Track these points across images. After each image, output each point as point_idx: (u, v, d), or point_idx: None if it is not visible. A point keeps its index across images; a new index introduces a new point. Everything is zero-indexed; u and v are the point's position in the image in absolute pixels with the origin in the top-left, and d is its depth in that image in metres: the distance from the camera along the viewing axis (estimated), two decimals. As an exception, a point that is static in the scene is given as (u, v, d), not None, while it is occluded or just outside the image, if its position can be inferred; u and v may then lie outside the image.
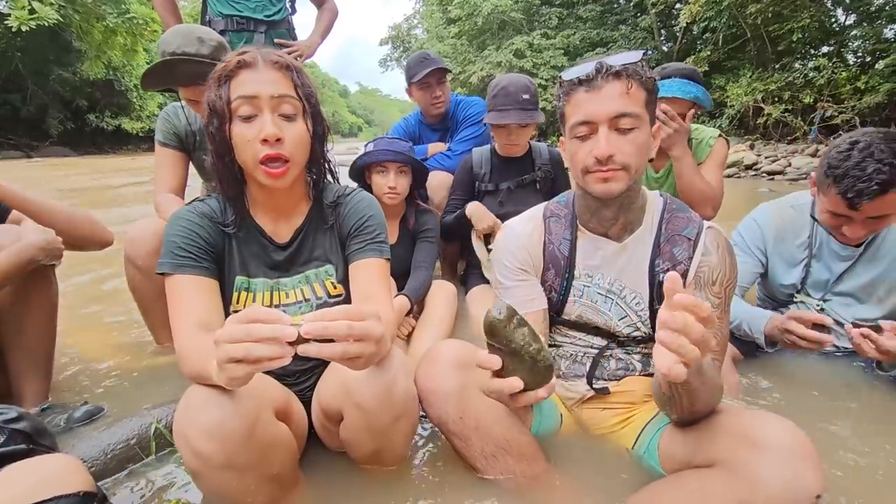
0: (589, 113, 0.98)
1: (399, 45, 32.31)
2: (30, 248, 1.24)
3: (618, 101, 0.96)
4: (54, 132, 21.18)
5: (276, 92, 0.98)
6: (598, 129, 0.97)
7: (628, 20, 17.57)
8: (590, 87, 0.98)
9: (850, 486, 1.09)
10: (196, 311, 0.98)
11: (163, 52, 1.66)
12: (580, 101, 0.99)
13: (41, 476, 0.77)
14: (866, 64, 11.19)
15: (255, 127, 0.98)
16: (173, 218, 1.07)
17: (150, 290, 1.68)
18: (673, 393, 0.91)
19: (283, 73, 1.00)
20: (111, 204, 6.28)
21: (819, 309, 1.61)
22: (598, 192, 1.02)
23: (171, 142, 1.89)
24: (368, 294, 1.09)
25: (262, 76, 0.98)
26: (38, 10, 12.52)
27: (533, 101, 2.09)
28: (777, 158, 9.52)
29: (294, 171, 1.04)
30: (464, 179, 2.31)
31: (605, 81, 0.96)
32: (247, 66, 0.98)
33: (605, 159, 0.97)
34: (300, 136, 1.02)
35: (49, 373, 1.44)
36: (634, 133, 0.98)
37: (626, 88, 0.96)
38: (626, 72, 0.96)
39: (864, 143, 1.33)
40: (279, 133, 0.98)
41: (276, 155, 0.98)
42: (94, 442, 1.20)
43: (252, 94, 0.97)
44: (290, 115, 1.01)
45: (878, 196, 1.31)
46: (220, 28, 2.37)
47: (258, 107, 0.98)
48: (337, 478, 1.14)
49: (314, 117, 1.06)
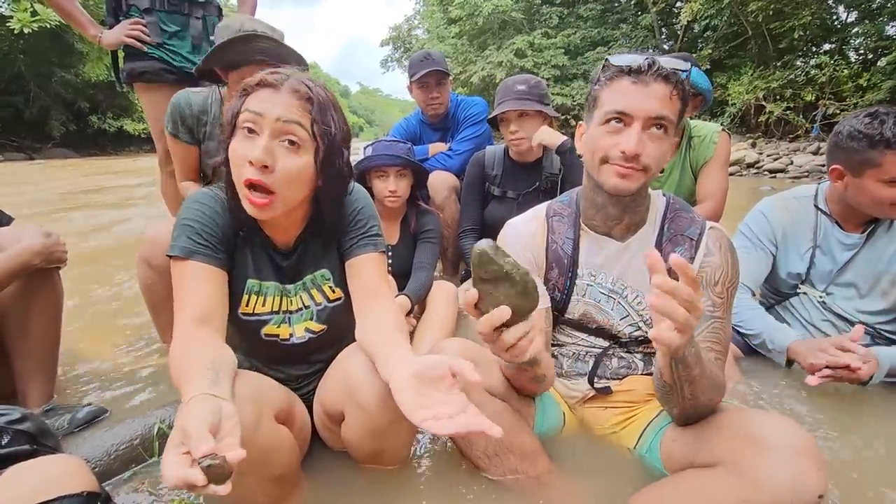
0: (631, 106, 0.96)
1: (400, 46, 32.30)
2: (25, 253, 1.23)
3: (660, 103, 0.95)
4: (56, 134, 21.19)
5: (283, 116, 0.92)
6: (633, 124, 0.96)
7: (629, 19, 17.51)
8: (637, 80, 0.96)
9: (853, 485, 1.09)
10: (200, 302, 0.96)
11: (236, 30, 1.62)
12: (623, 90, 0.97)
13: (44, 476, 0.77)
14: (868, 61, 11.17)
15: (249, 146, 0.93)
16: (191, 201, 1.04)
17: (163, 290, 1.68)
18: (674, 381, 0.90)
19: (302, 103, 0.95)
20: (113, 206, 6.29)
21: (821, 301, 1.61)
22: (611, 185, 1.00)
23: (181, 134, 1.85)
24: (368, 291, 1.09)
25: (278, 98, 0.94)
26: (41, 13, 12.52)
27: (532, 93, 2.08)
28: (779, 156, 9.51)
29: (279, 206, 0.96)
30: (475, 176, 2.31)
31: (652, 79, 0.95)
32: (269, 86, 0.95)
33: (632, 156, 0.96)
34: (297, 171, 0.95)
35: (53, 374, 1.45)
36: (663, 140, 0.98)
37: (669, 93, 0.96)
38: (674, 77, 0.96)
39: (884, 110, 1.36)
40: (267, 160, 0.91)
41: (259, 182, 0.92)
42: (97, 442, 1.20)
43: (259, 111, 0.92)
44: (294, 146, 0.94)
45: None
46: (145, 5, 2.16)
47: (260, 125, 0.93)
48: (339, 478, 1.14)
49: (328, 156, 0.98)
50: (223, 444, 0.68)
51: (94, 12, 10.96)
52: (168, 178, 2.27)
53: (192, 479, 0.62)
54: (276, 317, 1.12)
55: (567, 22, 18.31)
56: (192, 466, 0.64)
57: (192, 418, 0.69)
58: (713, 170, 2.10)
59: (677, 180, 2.18)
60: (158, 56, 2.23)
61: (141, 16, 2.19)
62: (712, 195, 2.09)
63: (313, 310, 1.15)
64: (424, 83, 2.55)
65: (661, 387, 0.96)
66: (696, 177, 2.16)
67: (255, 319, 1.11)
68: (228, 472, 0.66)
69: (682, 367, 0.86)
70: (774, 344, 1.55)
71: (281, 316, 1.13)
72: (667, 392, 0.95)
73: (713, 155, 2.09)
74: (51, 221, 5.02)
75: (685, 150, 2.14)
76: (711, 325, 1.04)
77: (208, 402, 0.73)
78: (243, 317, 1.10)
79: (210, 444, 0.65)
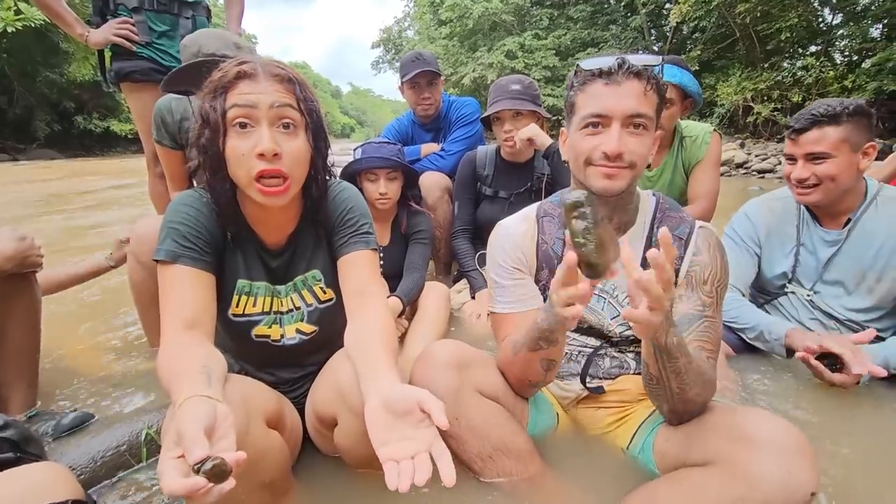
0: (606, 107, 0.97)
1: (391, 48, 32.30)
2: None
3: (636, 100, 0.97)
4: (41, 135, 20.90)
5: (275, 102, 0.93)
6: (612, 124, 0.97)
7: (619, 20, 17.67)
8: (609, 81, 0.98)
9: (844, 483, 1.10)
10: (188, 307, 0.94)
11: (195, 54, 1.63)
12: (597, 93, 0.99)
13: (27, 484, 0.75)
14: (853, 63, 11.33)
15: (250, 140, 0.92)
16: (177, 204, 1.02)
17: (152, 289, 1.65)
18: (661, 373, 0.90)
19: (284, 85, 0.96)
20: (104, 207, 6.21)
21: (808, 299, 1.62)
22: (598, 187, 1.01)
23: (165, 140, 1.88)
24: (359, 290, 1.08)
25: (263, 86, 0.93)
26: (25, 11, 12.35)
27: (527, 93, 2.10)
28: (767, 157, 9.61)
29: (293, 189, 0.99)
30: (467, 176, 2.31)
31: (625, 78, 0.97)
32: (246, 77, 0.94)
33: (615, 156, 0.97)
34: (300, 152, 0.97)
35: (35, 380, 1.42)
36: (645, 135, 0.99)
37: (643, 89, 0.97)
38: (646, 73, 0.97)
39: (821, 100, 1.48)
40: (276, 148, 0.92)
41: (274, 171, 0.93)
42: (83, 449, 1.18)
43: (250, 103, 0.92)
44: (291, 128, 0.96)
45: (813, 126, 1.45)
46: (134, 4, 2.16)
47: (255, 118, 0.93)
48: (331, 482, 1.13)
49: (316, 132, 1.01)
50: (219, 446, 0.68)
51: (80, 11, 10.82)
52: (156, 180, 2.24)
53: (195, 486, 0.61)
54: (266, 317, 1.11)
55: (557, 23, 18.44)
56: (190, 474, 0.63)
57: (187, 420, 0.67)
58: (705, 170, 2.12)
59: (669, 180, 2.19)
60: (148, 55, 2.22)
61: (129, 15, 2.17)
62: (704, 196, 2.11)
63: (304, 311, 1.14)
64: (416, 83, 2.54)
65: (649, 381, 0.96)
66: (688, 177, 2.17)
67: (246, 320, 1.10)
68: (229, 470, 0.65)
69: (667, 357, 0.87)
70: (773, 334, 1.55)
71: (272, 316, 1.11)
72: (655, 386, 0.96)
73: (705, 156, 2.10)
74: (32, 223, 4.95)
75: (677, 151, 2.16)
76: (702, 324, 1.04)
77: (203, 403, 0.72)
78: (234, 318, 1.09)
79: (205, 450, 0.64)
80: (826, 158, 1.45)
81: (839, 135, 1.42)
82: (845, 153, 1.44)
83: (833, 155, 1.44)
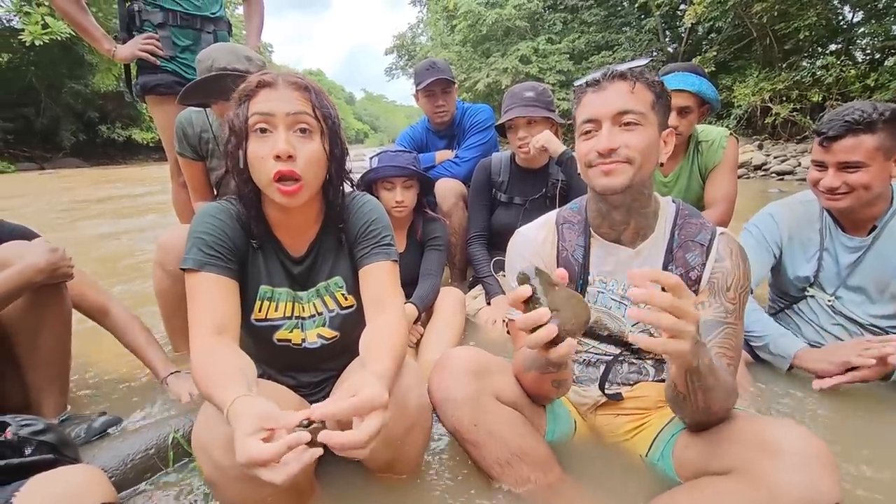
0: (595, 110, 1.03)
1: (404, 54, 32.52)
2: (28, 270, 1.24)
3: (621, 98, 1.01)
4: (67, 144, 21.54)
5: (291, 109, 0.99)
6: (602, 125, 1.02)
7: (633, 23, 17.52)
8: (597, 89, 1.04)
9: (866, 493, 1.08)
10: (216, 313, 0.99)
11: (208, 68, 1.68)
12: (588, 101, 1.05)
13: (66, 486, 0.79)
14: (875, 61, 11.07)
15: (268, 144, 0.98)
16: (203, 214, 1.08)
17: (176, 296, 1.71)
18: (688, 391, 0.90)
19: (301, 93, 1.02)
20: (128, 215, 6.37)
21: (830, 305, 1.60)
22: (600, 185, 1.04)
23: (187, 152, 1.94)
24: (378, 299, 1.10)
25: (281, 94, 1.00)
26: (51, 25, 12.80)
27: (540, 100, 2.10)
28: (786, 158, 9.42)
29: (307, 190, 1.03)
30: (482, 182, 2.32)
31: (610, 82, 1.03)
32: (266, 86, 1.00)
33: (607, 152, 1.00)
34: (315, 155, 1.02)
35: (66, 386, 1.47)
36: (639, 130, 1.01)
37: (630, 88, 1.01)
38: (630, 73, 1.02)
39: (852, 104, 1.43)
40: (291, 150, 0.97)
41: (287, 172, 0.98)
42: (113, 452, 1.21)
43: (268, 111, 0.98)
44: (306, 133, 1.01)
45: (848, 133, 1.37)
46: (158, 21, 2.24)
47: (273, 124, 0.99)
48: (352, 486, 1.15)
49: (332, 138, 1.06)
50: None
51: (103, 24, 11.16)
52: (179, 188, 2.31)
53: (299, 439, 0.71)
54: (288, 322, 1.14)
55: (571, 27, 18.36)
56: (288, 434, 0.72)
57: (264, 404, 0.76)
58: (722, 175, 2.10)
59: (685, 186, 2.18)
60: (172, 69, 2.29)
61: (154, 31, 2.25)
62: (721, 200, 2.09)
63: (326, 316, 1.17)
64: (430, 92, 2.57)
65: (675, 397, 0.96)
66: (705, 182, 2.16)
67: (268, 325, 1.13)
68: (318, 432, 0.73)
69: (697, 377, 0.86)
70: (778, 349, 1.56)
71: (294, 321, 1.15)
72: (680, 401, 0.95)
73: (721, 160, 2.08)
74: (63, 230, 5.10)
75: (693, 156, 2.14)
76: (724, 330, 1.04)
77: (257, 399, 0.78)
78: (256, 322, 1.12)
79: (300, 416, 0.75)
80: (860, 167, 1.39)
81: (875, 143, 1.36)
82: (879, 162, 1.38)
83: (868, 164, 1.38)
